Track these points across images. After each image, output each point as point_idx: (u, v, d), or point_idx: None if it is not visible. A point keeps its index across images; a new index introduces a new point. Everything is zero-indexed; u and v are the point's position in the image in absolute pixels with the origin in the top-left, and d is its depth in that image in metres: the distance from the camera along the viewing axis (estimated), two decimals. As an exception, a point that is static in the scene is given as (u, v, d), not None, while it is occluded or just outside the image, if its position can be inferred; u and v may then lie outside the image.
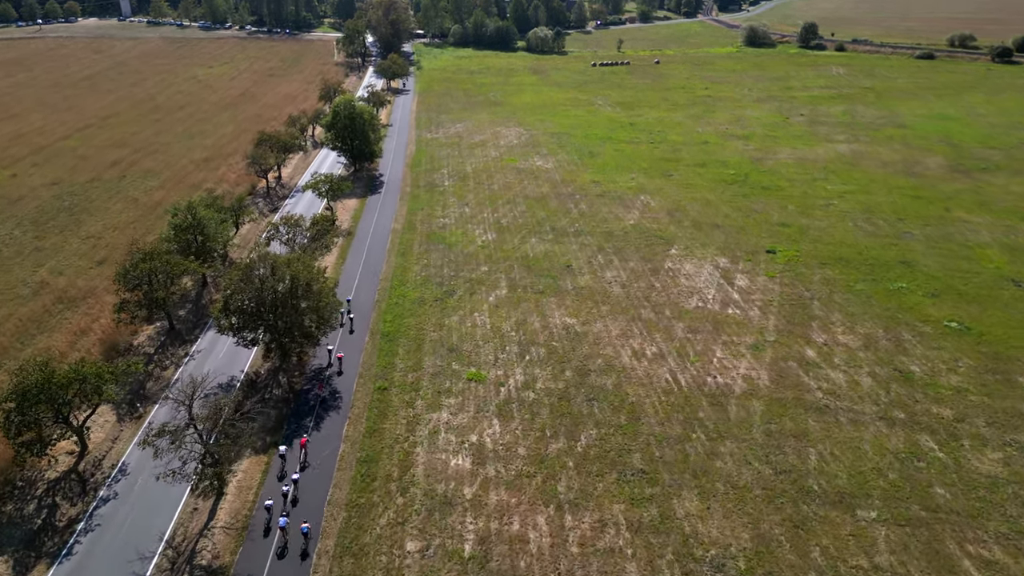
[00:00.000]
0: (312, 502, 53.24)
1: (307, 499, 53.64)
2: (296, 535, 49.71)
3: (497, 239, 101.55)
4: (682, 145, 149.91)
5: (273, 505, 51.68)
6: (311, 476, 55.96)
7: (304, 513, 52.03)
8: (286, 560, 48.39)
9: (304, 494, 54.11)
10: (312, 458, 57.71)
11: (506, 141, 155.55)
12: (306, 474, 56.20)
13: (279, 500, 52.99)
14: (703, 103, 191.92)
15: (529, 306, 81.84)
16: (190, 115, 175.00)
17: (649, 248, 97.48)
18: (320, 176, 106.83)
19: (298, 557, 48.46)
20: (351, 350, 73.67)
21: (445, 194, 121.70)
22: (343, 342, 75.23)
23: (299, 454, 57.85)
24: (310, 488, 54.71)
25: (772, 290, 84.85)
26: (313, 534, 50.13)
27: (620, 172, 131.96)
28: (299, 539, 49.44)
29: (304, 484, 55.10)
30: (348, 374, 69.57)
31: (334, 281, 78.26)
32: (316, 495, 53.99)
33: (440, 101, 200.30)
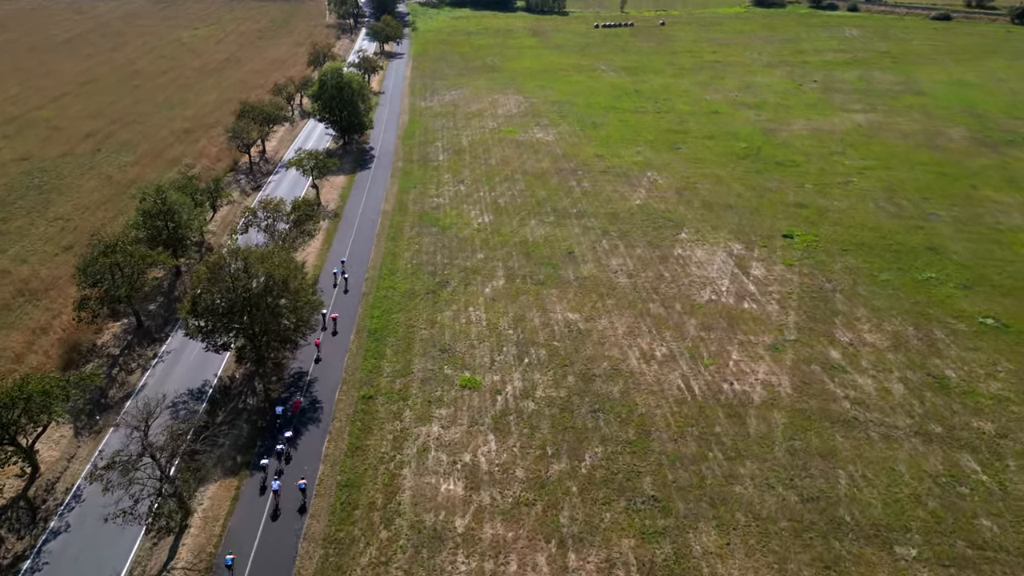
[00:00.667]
0: (286, 539, 47.62)
1: (281, 535, 48.01)
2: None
3: (494, 221, 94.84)
4: (690, 115, 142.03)
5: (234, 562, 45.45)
6: (285, 506, 50.29)
7: (277, 556, 46.43)
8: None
9: (277, 531, 48.47)
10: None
11: (504, 110, 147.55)
12: (280, 504, 50.54)
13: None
14: (711, 68, 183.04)
15: (528, 299, 75.58)
16: (172, 81, 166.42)
17: (657, 232, 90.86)
18: (304, 152, 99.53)
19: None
20: (336, 350, 67.64)
21: (439, 170, 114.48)
22: (328, 340, 69.24)
23: (291, 417, 58.69)
24: (284, 523, 49.07)
25: (791, 281, 78.50)
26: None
27: (625, 145, 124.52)
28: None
29: (277, 521, 49.47)
30: (331, 379, 63.63)
31: (314, 278, 71.89)
32: (290, 530, 48.35)
33: (435, 66, 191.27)
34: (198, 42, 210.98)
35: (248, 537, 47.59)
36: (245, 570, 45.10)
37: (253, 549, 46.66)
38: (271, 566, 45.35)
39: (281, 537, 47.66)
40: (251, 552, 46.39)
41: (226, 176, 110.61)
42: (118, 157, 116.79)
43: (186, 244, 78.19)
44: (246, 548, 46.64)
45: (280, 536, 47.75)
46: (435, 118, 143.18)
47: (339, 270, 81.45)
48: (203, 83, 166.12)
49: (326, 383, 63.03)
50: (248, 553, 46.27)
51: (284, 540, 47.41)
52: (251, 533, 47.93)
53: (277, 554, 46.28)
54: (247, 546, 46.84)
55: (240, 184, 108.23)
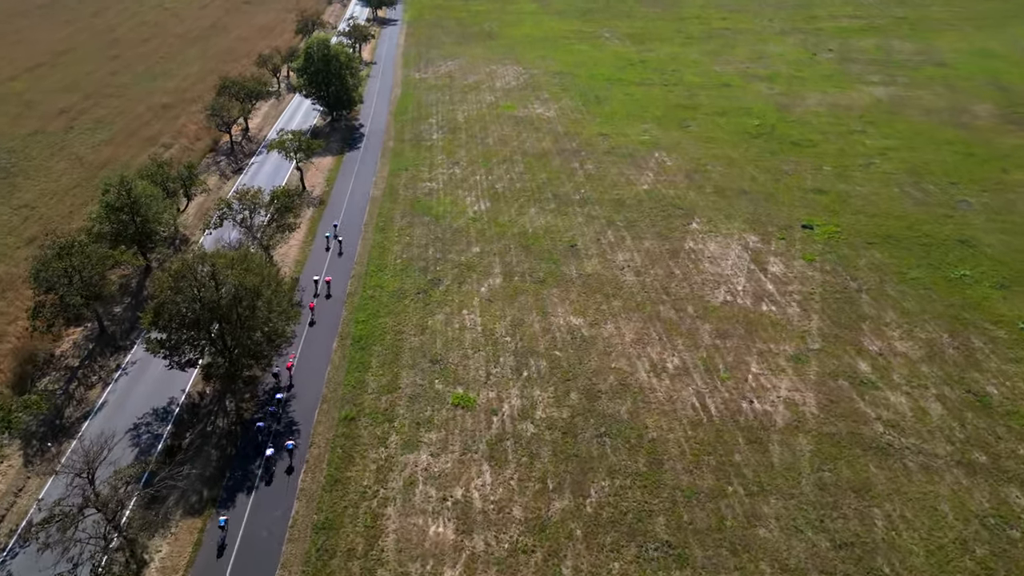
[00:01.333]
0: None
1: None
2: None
3: (491, 209, 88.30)
4: (699, 88, 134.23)
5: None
6: (256, 549, 44.79)
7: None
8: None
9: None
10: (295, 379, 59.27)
11: (503, 83, 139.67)
12: (250, 547, 45.05)
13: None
14: (720, 36, 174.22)
15: (528, 300, 69.49)
16: (153, 50, 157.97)
17: (666, 222, 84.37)
18: (287, 133, 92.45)
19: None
20: (315, 360, 61.77)
21: (433, 150, 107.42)
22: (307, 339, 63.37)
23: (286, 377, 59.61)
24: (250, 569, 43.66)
25: (812, 279, 72.31)
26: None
27: (631, 122, 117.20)
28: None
29: (244, 562, 44.02)
30: (310, 396, 57.84)
31: (292, 283, 65.65)
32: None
33: (431, 33, 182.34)
34: (182, 7, 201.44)
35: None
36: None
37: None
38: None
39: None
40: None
41: (205, 157, 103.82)
42: (92, 135, 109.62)
43: (155, 239, 71.76)
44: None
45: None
46: (429, 91, 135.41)
47: (331, 233, 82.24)
48: (186, 52, 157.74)
49: (304, 399, 57.24)
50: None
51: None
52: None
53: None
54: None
55: (220, 167, 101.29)
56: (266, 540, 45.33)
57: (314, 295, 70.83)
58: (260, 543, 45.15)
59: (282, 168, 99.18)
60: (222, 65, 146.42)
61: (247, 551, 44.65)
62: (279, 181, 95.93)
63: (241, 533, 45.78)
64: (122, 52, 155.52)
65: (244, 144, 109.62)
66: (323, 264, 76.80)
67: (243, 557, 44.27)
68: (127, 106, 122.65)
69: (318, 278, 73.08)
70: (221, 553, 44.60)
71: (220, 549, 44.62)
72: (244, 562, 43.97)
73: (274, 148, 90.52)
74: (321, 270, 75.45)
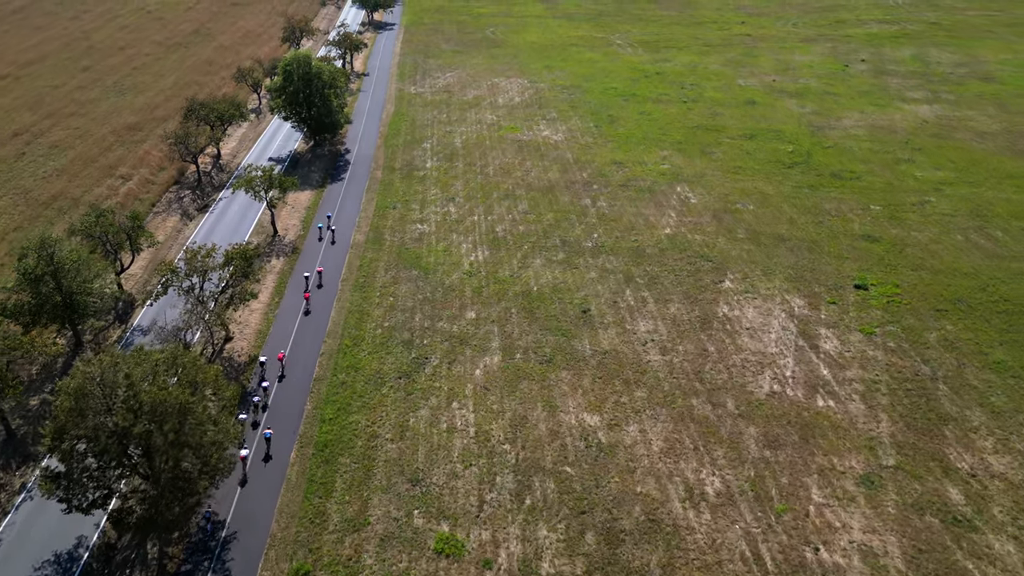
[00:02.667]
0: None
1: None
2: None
3: (490, 259, 76.11)
4: (723, 105, 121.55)
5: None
6: None
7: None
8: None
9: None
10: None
11: (506, 98, 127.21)
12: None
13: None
14: (742, 44, 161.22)
15: (532, 389, 57.33)
16: (128, 60, 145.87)
17: (694, 278, 72.04)
18: (256, 169, 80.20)
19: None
20: (269, 482, 49.73)
21: (426, 182, 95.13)
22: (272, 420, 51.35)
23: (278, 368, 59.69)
24: None
25: (874, 360, 59.94)
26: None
27: (648, 147, 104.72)
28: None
29: None
30: (255, 537, 45.73)
31: (233, 393, 53.43)
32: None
33: (429, 39, 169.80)
34: (166, 9, 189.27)
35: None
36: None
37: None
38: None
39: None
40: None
41: (168, 191, 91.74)
42: (44, 163, 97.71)
43: (87, 312, 59.72)
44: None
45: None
46: (425, 108, 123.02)
47: (324, 224, 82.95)
48: (163, 62, 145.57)
49: (247, 542, 45.15)
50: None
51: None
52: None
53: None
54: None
55: (183, 204, 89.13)
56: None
57: (312, 286, 72.01)
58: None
59: (253, 207, 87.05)
60: (199, 77, 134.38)
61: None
62: (247, 224, 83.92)
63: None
64: (95, 62, 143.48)
65: (214, 175, 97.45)
66: (290, 332, 64.81)
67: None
68: (89, 127, 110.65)
69: (308, 274, 73.10)
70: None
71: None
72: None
73: (240, 187, 78.26)
74: (286, 343, 63.44)
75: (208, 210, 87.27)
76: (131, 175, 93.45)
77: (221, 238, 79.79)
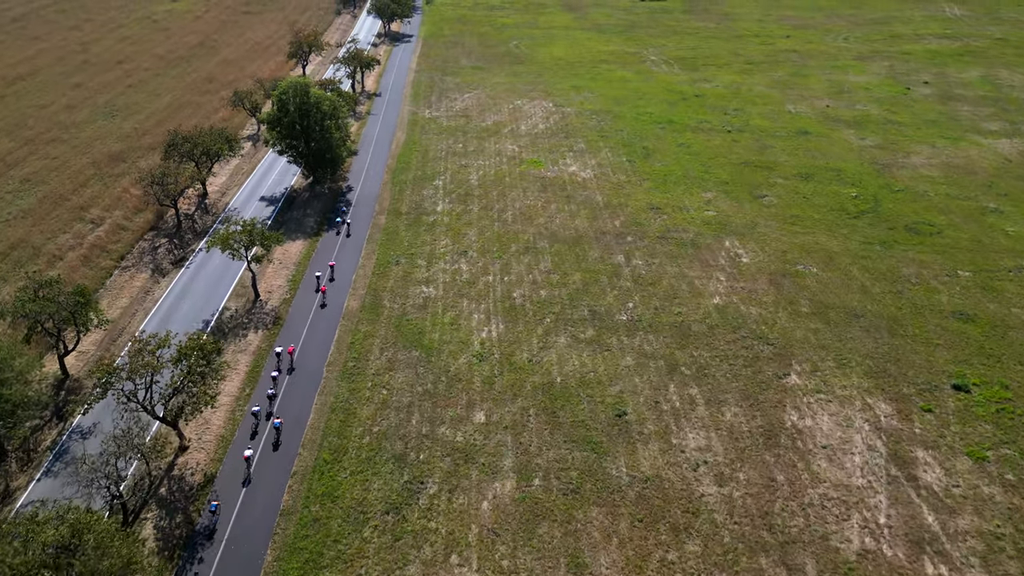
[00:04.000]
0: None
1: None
2: None
3: (506, 336, 63.95)
4: (771, 135, 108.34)
5: None
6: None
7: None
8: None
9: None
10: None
11: (529, 125, 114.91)
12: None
13: None
14: (788, 61, 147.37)
15: (552, 536, 45.04)
16: (124, 75, 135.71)
17: (752, 368, 59.32)
18: (235, 223, 68.61)
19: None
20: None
21: (435, 230, 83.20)
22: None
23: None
24: None
25: (991, 501, 46.84)
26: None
27: (689, 188, 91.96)
28: None
29: None
30: None
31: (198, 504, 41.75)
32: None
33: (448, 53, 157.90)
34: (173, 19, 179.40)
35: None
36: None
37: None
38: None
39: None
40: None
41: (143, 239, 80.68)
42: (12, 203, 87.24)
43: (12, 418, 48.43)
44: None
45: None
46: (440, 136, 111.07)
47: (341, 218, 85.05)
48: (161, 78, 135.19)
49: None
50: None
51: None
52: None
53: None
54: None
55: (156, 256, 77.89)
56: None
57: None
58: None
59: (235, 261, 75.54)
60: (196, 97, 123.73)
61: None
62: (226, 284, 72.52)
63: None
64: (88, 78, 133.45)
65: (198, 218, 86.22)
66: (259, 441, 53.18)
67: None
68: (68, 156, 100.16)
69: (319, 274, 72.76)
70: None
71: None
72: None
73: (215, 245, 66.78)
74: (253, 456, 51.76)
75: (184, 264, 75.94)
76: (103, 219, 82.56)
77: (191, 306, 68.62)
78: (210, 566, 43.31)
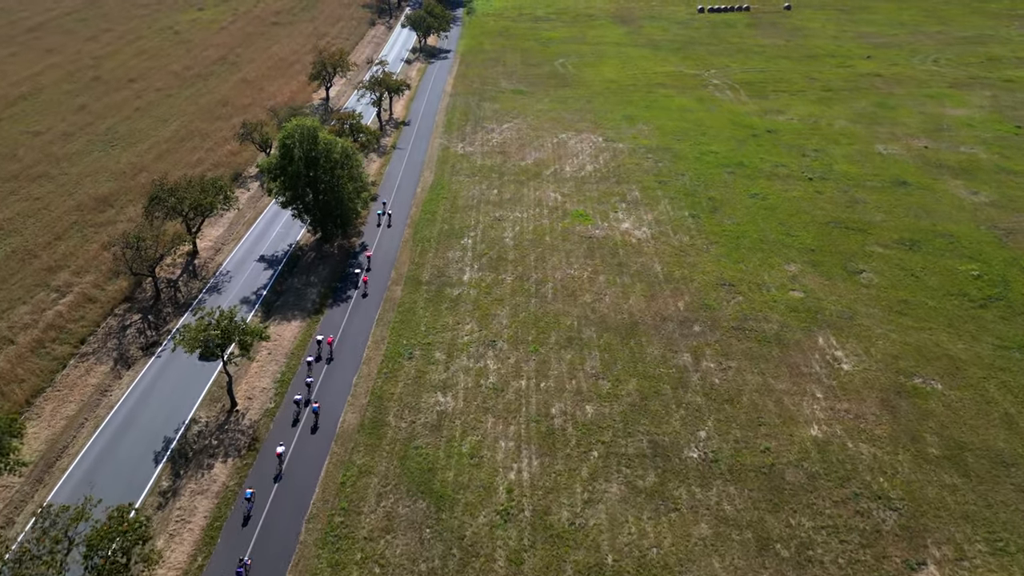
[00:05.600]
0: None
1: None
2: None
3: (540, 479, 49.49)
4: (861, 185, 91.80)
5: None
6: None
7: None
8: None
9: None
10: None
11: (575, 165, 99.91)
12: None
13: None
14: (872, 88, 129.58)
15: None
16: (134, 96, 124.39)
17: (873, 552, 44.25)
18: (209, 317, 54.80)
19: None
20: None
21: (459, 308, 68.84)
22: None
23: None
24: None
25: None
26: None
27: (768, 256, 76.21)
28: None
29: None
30: None
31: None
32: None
33: (487, 73, 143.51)
34: (197, 30, 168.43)
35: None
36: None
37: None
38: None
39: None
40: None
41: (113, 313, 67.80)
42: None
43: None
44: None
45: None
46: (472, 179, 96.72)
47: (381, 211, 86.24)
48: (173, 100, 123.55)
49: None
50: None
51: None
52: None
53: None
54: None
55: (123, 340, 64.86)
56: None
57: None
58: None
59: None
60: (205, 125, 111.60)
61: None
62: (200, 385, 59.20)
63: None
64: (94, 99, 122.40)
65: (183, 284, 73.18)
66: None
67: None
68: (52, 198, 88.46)
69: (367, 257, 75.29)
70: None
71: None
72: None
73: (181, 344, 53.29)
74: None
75: (155, 352, 62.83)
76: (70, 286, 70.10)
77: (153, 416, 55.52)
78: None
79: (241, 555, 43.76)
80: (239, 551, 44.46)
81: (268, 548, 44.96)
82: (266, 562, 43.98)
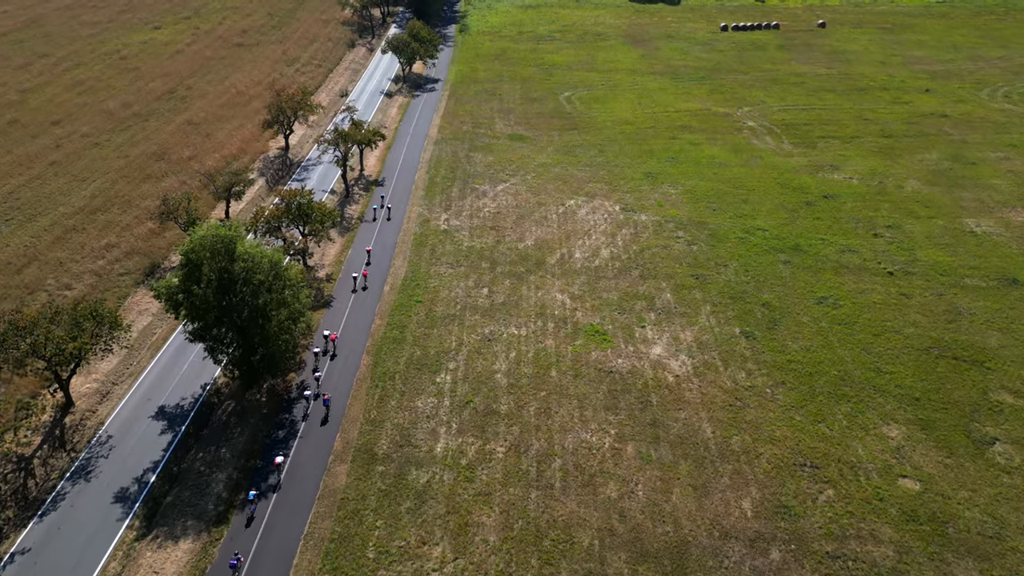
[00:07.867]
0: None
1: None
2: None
3: None
4: (958, 285, 70.91)
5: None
6: None
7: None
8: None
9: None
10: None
11: (587, 250, 78.59)
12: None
13: None
14: (941, 134, 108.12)
15: None
16: (53, 145, 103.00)
17: None
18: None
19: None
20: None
21: (426, 512, 47.69)
22: None
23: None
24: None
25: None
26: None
27: (856, 412, 55.20)
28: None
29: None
30: None
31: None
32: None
33: (479, 111, 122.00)
34: (147, 55, 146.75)
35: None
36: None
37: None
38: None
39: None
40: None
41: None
42: None
43: None
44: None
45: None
46: (455, 272, 75.35)
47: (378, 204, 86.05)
48: (100, 149, 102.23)
49: None
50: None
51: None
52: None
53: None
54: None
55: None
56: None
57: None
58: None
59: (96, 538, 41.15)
60: (129, 189, 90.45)
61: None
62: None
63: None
64: (4, 151, 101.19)
65: (42, 460, 51.89)
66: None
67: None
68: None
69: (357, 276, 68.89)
70: None
71: None
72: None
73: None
74: None
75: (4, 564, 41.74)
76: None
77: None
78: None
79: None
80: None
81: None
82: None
